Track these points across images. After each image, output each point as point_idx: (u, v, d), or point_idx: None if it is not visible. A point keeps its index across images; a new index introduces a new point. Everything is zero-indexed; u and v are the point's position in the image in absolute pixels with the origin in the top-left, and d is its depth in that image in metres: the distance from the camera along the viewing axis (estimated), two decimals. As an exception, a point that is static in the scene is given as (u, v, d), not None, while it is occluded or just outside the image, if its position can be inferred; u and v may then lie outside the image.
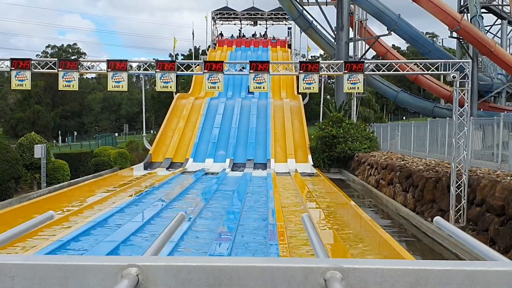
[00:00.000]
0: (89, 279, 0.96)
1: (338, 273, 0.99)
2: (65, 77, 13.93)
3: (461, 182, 13.47)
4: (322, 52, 75.43)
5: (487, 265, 1.01)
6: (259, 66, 13.90)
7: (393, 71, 14.32)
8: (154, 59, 14.57)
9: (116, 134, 74.49)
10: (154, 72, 13.90)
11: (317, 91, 15.06)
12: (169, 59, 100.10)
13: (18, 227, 1.40)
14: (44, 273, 0.96)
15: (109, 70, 13.90)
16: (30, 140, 22.62)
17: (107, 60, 14.13)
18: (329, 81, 70.08)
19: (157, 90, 14.27)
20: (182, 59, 78.57)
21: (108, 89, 14.19)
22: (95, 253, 10.74)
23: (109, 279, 0.95)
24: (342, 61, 14.32)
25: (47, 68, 14.18)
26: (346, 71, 13.80)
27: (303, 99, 39.08)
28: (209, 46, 55.03)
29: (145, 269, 0.96)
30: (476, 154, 16.81)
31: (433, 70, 13.87)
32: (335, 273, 0.99)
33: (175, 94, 38.27)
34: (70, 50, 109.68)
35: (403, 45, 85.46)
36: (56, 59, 14.24)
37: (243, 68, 14.62)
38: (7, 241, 1.34)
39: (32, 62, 14.10)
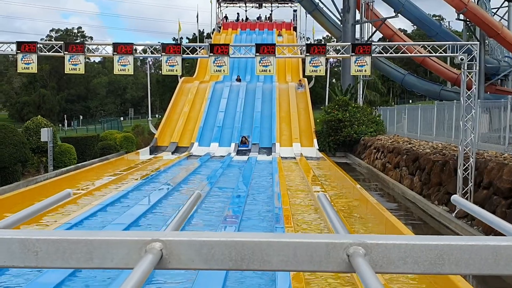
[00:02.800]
0: (113, 254, 0.96)
1: (361, 248, 0.98)
2: (71, 60, 13.91)
3: (468, 165, 13.44)
4: (326, 34, 75.00)
5: (511, 240, 1.01)
6: (265, 49, 13.84)
7: (401, 53, 14.23)
8: (159, 42, 14.49)
9: (122, 118, 74.56)
10: (160, 55, 13.86)
11: (324, 74, 15.01)
12: (174, 43, 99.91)
13: (35, 205, 1.40)
14: (68, 248, 0.96)
15: (115, 53, 13.86)
16: (37, 123, 22.70)
17: (113, 43, 14.09)
18: (335, 63, 69.74)
19: (163, 73, 14.25)
20: (187, 43, 78.34)
21: (114, 73, 14.17)
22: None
23: (134, 254, 0.95)
24: (349, 43, 14.23)
25: (53, 51, 14.16)
26: (353, 54, 13.71)
27: (308, 83, 38.91)
28: (213, 29, 54.78)
29: (169, 243, 0.96)
30: (483, 137, 16.74)
31: (440, 53, 13.78)
32: (358, 248, 0.98)
33: (180, 78, 38.19)
34: (74, 35, 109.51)
35: (409, 27, 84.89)
36: (62, 42, 14.21)
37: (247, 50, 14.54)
38: (25, 218, 1.34)
39: (38, 45, 14.08)
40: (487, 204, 12.16)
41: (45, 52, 14.16)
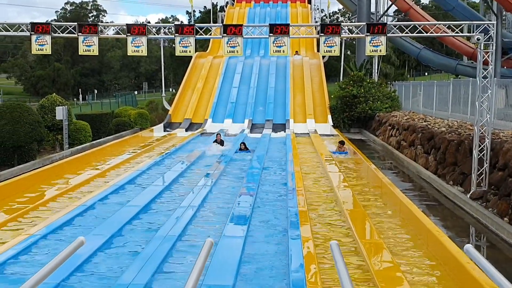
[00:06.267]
0: None
1: None
2: (85, 41, 13.90)
3: (484, 146, 13.33)
4: (341, 6, 74.01)
5: None
6: (279, 29, 13.71)
7: (417, 32, 14.02)
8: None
9: (136, 92, 74.65)
10: (173, 36, 13.81)
11: (338, 54, 14.85)
12: (186, 16, 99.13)
13: (52, 261, 1.42)
14: None
15: (129, 34, 13.83)
16: (52, 101, 22.81)
17: (127, 24, 14.04)
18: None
19: (176, 55, 14.22)
20: (199, 16, 77.79)
21: (128, 54, 14.15)
22: (117, 218, 10.88)
23: None
24: (364, 23, 14.04)
25: (67, 33, 14.13)
26: (368, 33, 13.54)
27: (323, 57, 38.57)
28: (227, 2, 54.25)
29: None
30: (499, 113, 16.54)
31: (457, 32, 13.57)
32: None
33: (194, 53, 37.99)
34: (91, 7, 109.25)
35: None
36: (76, 23, 14.17)
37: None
38: (45, 277, 1.37)
39: (52, 26, 14.07)
40: (502, 186, 12.09)
41: (59, 33, 14.14)
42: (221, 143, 21.55)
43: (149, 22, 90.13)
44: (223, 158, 18.91)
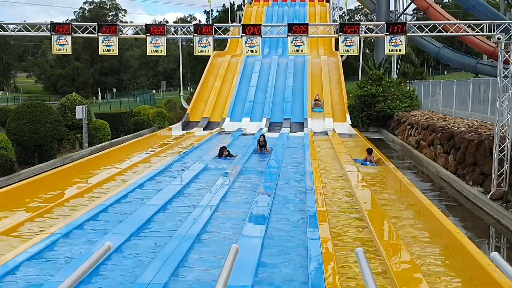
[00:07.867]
0: None
1: None
2: (105, 41, 14.02)
3: (504, 146, 13.20)
4: (358, 4, 73.58)
5: None
6: (298, 29, 13.70)
7: (437, 31, 13.92)
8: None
9: (154, 91, 74.98)
10: (192, 36, 13.87)
11: (357, 54, 14.78)
12: (204, 15, 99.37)
13: (81, 266, 1.44)
14: None
15: (148, 34, 13.92)
16: (72, 100, 23.01)
17: (146, 24, 14.15)
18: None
19: (195, 54, 14.28)
20: (217, 15, 77.91)
21: (148, 54, 14.24)
22: (136, 217, 10.94)
23: None
24: (384, 23, 13.97)
25: (87, 33, 14.26)
26: (387, 33, 13.47)
27: (341, 56, 38.44)
28: (244, 1, 54.23)
29: None
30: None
31: (477, 31, 13.44)
32: None
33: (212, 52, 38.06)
34: (108, 7, 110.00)
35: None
36: (96, 23, 14.30)
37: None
38: (75, 283, 1.38)
39: (72, 26, 14.21)
40: (523, 187, 11.97)
41: (79, 33, 14.27)
42: (229, 155, 19.25)
43: (167, 22, 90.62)
44: (241, 158, 18.90)
